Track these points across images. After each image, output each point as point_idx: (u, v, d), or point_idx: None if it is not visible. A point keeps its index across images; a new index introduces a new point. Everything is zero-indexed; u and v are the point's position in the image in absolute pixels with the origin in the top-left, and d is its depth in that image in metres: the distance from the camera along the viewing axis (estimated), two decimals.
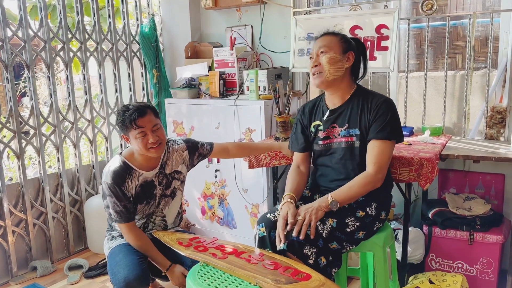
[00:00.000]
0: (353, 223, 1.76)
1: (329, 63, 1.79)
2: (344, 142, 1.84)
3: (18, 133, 2.74)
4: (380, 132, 1.76)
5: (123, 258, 1.84)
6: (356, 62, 1.87)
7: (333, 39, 1.83)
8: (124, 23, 3.35)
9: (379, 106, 1.78)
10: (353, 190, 1.75)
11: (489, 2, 2.96)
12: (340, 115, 1.87)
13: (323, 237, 1.68)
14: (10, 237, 2.74)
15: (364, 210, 1.80)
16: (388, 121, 1.76)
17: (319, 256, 1.65)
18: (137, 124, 1.81)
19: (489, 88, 2.52)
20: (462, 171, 2.63)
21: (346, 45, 1.83)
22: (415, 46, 3.08)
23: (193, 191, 3.18)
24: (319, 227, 1.68)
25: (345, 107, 1.86)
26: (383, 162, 1.76)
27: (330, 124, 1.88)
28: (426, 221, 2.50)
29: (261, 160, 2.44)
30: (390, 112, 1.78)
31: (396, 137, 1.79)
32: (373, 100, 1.81)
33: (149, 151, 1.86)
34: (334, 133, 1.87)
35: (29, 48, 2.77)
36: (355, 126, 1.82)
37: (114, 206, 1.85)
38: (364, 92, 1.87)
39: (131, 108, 1.83)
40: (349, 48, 1.83)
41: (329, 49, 1.81)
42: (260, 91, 2.78)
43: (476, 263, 2.37)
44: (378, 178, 1.76)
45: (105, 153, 3.35)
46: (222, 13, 3.35)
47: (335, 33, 1.87)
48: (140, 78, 3.59)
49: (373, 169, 1.75)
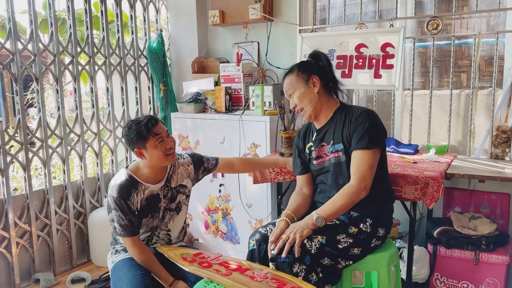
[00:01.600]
0: (345, 240, 1.76)
1: (301, 100, 1.88)
2: (333, 158, 1.88)
3: (25, 145, 2.76)
4: (359, 142, 1.78)
5: (127, 273, 1.83)
6: (325, 78, 1.90)
7: (292, 77, 1.90)
8: (133, 38, 3.40)
9: (357, 117, 1.81)
10: (337, 203, 1.75)
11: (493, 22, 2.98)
12: (326, 133, 1.92)
13: (312, 254, 1.69)
14: (14, 248, 2.75)
15: (357, 226, 1.80)
16: (366, 130, 1.78)
17: (310, 273, 1.67)
18: (155, 131, 1.84)
19: (494, 108, 2.53)
20: (467, 190, 2.63)
21: (305, 73, 1.88)
22: (420, 65, 3.10)
23: (197, 205, 3.18)
24: (306, 244, 1.69)
25: (329, 124, 1.91)
26: (364, 171, 1.75)
27: (319, 143, 1.94)
28: (431, 240, 2.48)
29: (265, 175, 2.45)
30: (368, 121, 1.79)
31: (377, 145, 1.78)
32: (353, 113, 1.84)
33: (167, 158, 1.88)
34: (325, 151, 1.91)
35: (39, 61, 2.81)
36: (339, 141, 1.86)
37: (119, 220, 1.86)
38: (346, 108, 1.91)
39: (143, 120, 1.86)
40: (310, 73, 1.88)
41: (294, 88, 1.89)
42: (265, 107, 2.80)
43: (482, 283, 2.35)
44: (360, 188, 1.75)
45: (110, 165, 3.36)
46: (229, 30, 3.40)
47: (291, 69, 1.93)
48: (147, 92, 3.63)
49: (354, 180, 1.76)
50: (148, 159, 1.88)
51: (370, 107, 3.03)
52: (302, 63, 1.94)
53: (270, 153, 2.74)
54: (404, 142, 2.80)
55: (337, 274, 1.78)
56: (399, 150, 2.62)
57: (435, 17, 2.56)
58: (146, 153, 1.87)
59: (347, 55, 2.71)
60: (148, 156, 1.87)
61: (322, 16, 3.15)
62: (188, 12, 3.45)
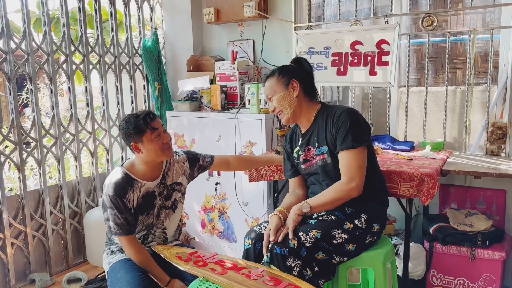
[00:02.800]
0: (340, 235, 1.76)
1: (280, 103, 1.89)
2: (320, 161, 1.88)
3: (19, 145, 2.75)
4: (344, 142, 1.78)
5: (125, 275, 1.82)
6: (305, 83, 1.91)
7: (272, 81, 1.91)
8: (127, 36, 3.39)
9: (338, 117, 1.81)
10: (325, 195, 1.79)
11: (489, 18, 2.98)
12: (310, 136, 1.92)
13: (307, 246, 1.70)
14: (9, 249, 2.73)
15: (352, 222, 1.80)
16: (349, 129, 1.77)
17: (304, 268, 1.68)
18: (152, 125, 1.84)
19: (490, 104, 2.53)
20: (463, 187, 2.63)
21: (286, 77, 1.89)
22: (415, 61, 3.10)
23: (193, 204, 3.17)
24: (301, 237, 1.71)
25: (313, 127, 1.92)
26: (353, 171, 1.76)
27: (305, 147, 1.94)
28: (427, 236, 2.48)
29: (261, 173, 2.44)
30: (349, 120, 1.78)
31: (361, 143, 1.77)
32: (334, 114, 1.84)
33: (164, 153, 1.87)
34: (312, 155, 1.92)
35: (32, 60, 2.79)
36: (323, 144, 1.86)
37: (115, 218, 1.84)
38: (327, 108, 1.91)
39: (141, 114, 1.86)
40: (290, 78, 1.88)
41: (273, 92, 1.90)
42: (261, 105, 2.79)
43: (478, 279, 2.35)
44: (351, 187, 1.75)
45: (106, 165, 3.35)
46: (224, 28, 3.38)
47: (272, 73, 1.94)
48: (142, 91, 3.61)
49: (345, 179, 1.77)
50: (144, 154, 1.87)
51: (366, 104, 3.03)
52: (282, 67, 1.95)
53: (266, 151, 2.74)
54: (399, 139, 2.79)
55: (331, 270, 1.78)
56: (394, 147, 2.62)
57: (430, 13, 2.56)
58: (142, 147, 1.85)
59: (342, 52, 2.70)
60: (144, 151, 1.86)
61: (317, 13, 3.14)
62: (183, 10, 3.43)
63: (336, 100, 3.15)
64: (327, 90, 3.16)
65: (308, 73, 1.93)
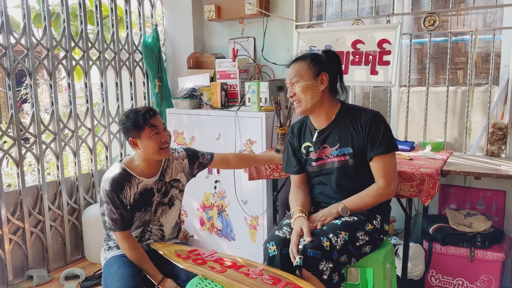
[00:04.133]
0: (363, 237, 1.76)
1: (303, 92, 1.79)
2: (337, 162, 1.84)
3: (18, 141, 2.74)
4: (380, 147, 1.77)
5: (117, 270, 1.81)
6: (333, 79, 1.85)
7: (303, 65, 1.81)
8: (127, 33, 3.37)
9: (369, 122, 1.78)
10: (364, 200, 1.79)
11: (490, 19, 2.98)
12: (329, 135, 1.86)
13: (337, 249, 1.67)
14: (6, 245, 2.72)
15: (371, 223, 1.81)
16: (383, 134, 1.77)
17: (334, 272, 1.64)
18: (152, 123, 1.83)
19: (491, 105, 2.52)
20: (463, 187, 2.62)
21: (317, 67, 1.80)
22: (416, 61, 3.10)
23: (192, 202, 3.16)
24: (332, 239, 1.67)
25: (332, 127, 1.86)
26: (392, 174, 1.79)
27: (320, 144, 1.88)
28: (427, 237, 2.48)
29: (261, 172, 2.43)
30: (382, 126, 1.79)
31: (394, 148, 1.81)
32: (361, 117, 1.81)
33: (160, 152, 1.86)
34: (326, 154, 1.87)
35: (32, 55, 2.78)
36: (347, 145, 1.82)
37: (110, 213, 1.84)
38: (349, 109, 1.87)
39: (141, 110, 1.85)
40: (321, 69, 1.80)
41: (300, 77, 1.79)
42: (261, 103, 2.78)
43: (477, 280, 2.35)
44: (391, 190, 1.79)
45: (105, 161, 3.34)
46: (225, 25, 3.37)
47: (304, 57, 1.84)
48: (142, 88, 3.60)
49: (384, 183, 1.78)
50: (141, 151, 1.86)
51: (366, 103, 3.02)
52: (315, 55, 1.83)
53: (266, 150, 2.73)
54: (400, 139, 2.79)
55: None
56: None
57: (432, 13, 2.55)
58: (140, 144, 1.85)
59: (344, 51, 2.69)
60: (141, 147, 1.85)
61: (319, 12, 3.13)
62: (184, 7, 3.42)
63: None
64: None
65: (338, 69, 1.87)
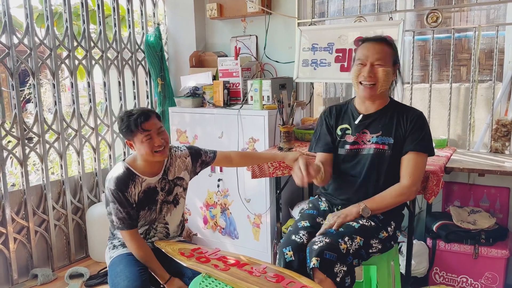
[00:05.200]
0: (376, 245, 1.75)
1: (384, 76, 1.76)
2: (374, 149, 1.80)
3: (22, 140, 2.75)
4: (419, 144, 1.77)
5: (124, 269, 1.82)
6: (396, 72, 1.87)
7: (389, 51, 1.79)
8: (130, 32, 3.37)
9: (415, 119, 1.79)
10: (387, 200, 1.77)
11: (493, 15, 2.96)
12: (373, 121, 1.84)
13: (351, 253, 1.66)
14: (11, 244, 2.73)
15: (386, 230, 1.79)
16: (425, 134, 1.79)
17: (347, 275, 1.63)
18: (143, 127, 1.81)
19: (494, 101, 2.51)
20: (467, 184, 2.62)
21: (395, 57, 1.81)
22: (419, 58, 3.08)
23: (195, 200, 3.17)
24: (347, 243, 1.66)
25: (379, 114, 1.84)
26: (418, 175, 1.78)
27: (362, 129, 1.85)
28: (430, 234, 2.48)
29: (264, 170, 2.43)
30: (425, 126, 1.81)
31: (431, 151, 1.81)
32: (408, 113, 1.82)
33: (154, 155, 1.86)
34: (364, 139, 1.84)
35: (35, 55, 2.79)
36: (389, 135, 1.80)
37: (117, 212, 1.84)
38: (398, 105, 1.89)
39: (135, 113, 1.84)
40: (397, 61, 1.83)
41: (385, 62, 1.76)
42: (264, 101, 2.78)
43: (481, 277, 2.34)
44: (413, 191, 1.77)
45: (108, 160, 3.35)
46: (227, 23, 3.37)
47: (388, 41, 1.80)
48: (145, 87, 3.60)
49: (409, 182, 1.76)
50: (137, 152, 1.88)
51: None
52: (396, 46, 1.83)
53: (268, 148, 2.73)
54: None
55: None
56: None
57: (435, 9, 2.53)
58: (134, 146, 1.87)
59: (346, 49, 2.69)
60: (136, 149, 1.87)
61: (321, 9, 3.12)
62: (186, 5, 3.42)
63: (340, 97, 3.14)
64: (330, 87, 3.14)
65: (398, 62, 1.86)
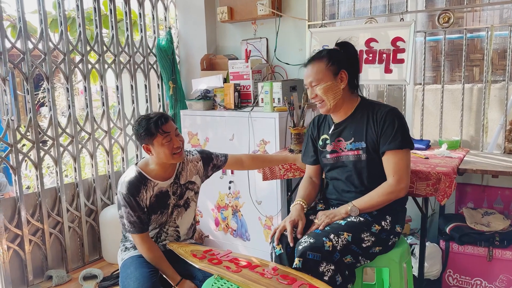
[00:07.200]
0: (369, 238, 1.74)
1: (325, 94, 1.79)
2: (352, 156, 1.84)
3: (36, 144, 2.79)
4: (392, 142, 1.75)
5: (134, 271, 1.84)
6: (351, 74, 1.83)
7: (321, 66, 1.78)
8: (142, 36, 3.41)
9: (384, 116, 1.77)
10: (374, 199, 1.76)
11: (506, 14, 2.92)
12: (345, 128, 1.87)
13: (338, 250, 1.66)
14: (27, 246, 2.78)
15: (379, 224, 1.78)
16: (397, 129, 1.75)
17: (336, 274, 1.63)
18: (164, 129, 1.84)
19: (508, 102, 2.48)
20: (480, 186, 2.59)
21: (335, 66, 1.78)
22: (431, 59, 3.06)
23: (207, 202, 3.18)
24: (333, 240, 1.67)
25: (349, 120, 1.86)
26: (402, 171, 1.75)
27: (336, 137, 1.89)
28: (443, 236, 2.45)
29: (275, 172, 2.43)
30: (397, 121, 1.76)
31: (409, 145, 1.78)
32: (378, 112, 1.80)
33: (173, 157, 1.88)
34: (341, 147, 1.87)
35: (49, 60, 2.84)
36: (361, 140, 1.81)
37: (128, 216, 1.86)
38: (368, 104, 1.86)
39: (153, 116, 1.86)
40: (340, 67, 1.79)
41: (319, 80, 1.78)
42: (274, 103, 2.79)
43: (496, 280, 2.31)
44: (400, 188, 1.75)
45: (121, 163, 3.38)
46: (238, 26, 3.39)
47: (321, 57, 1.81)
48: (157, 90, 3.64)
49: (393, 180, 1.75)
50: (154, 156, 1.89)
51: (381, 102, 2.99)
52: (332, 53, 1.81)
53: (279, 150, 2.73)
54: (415, 137, 2.76)
55: (354, 273, 1.76)
56: None
57: (447, 10, 2.52)
58: (153, 150, 1.87)
59: (357, 50, 2.67)
60: (154, 153, 1.88)
61: (331, 11, 3.12)
62: (197, 9, 3.44)
63: None
64: None
65: (354, 61, 1.85)
